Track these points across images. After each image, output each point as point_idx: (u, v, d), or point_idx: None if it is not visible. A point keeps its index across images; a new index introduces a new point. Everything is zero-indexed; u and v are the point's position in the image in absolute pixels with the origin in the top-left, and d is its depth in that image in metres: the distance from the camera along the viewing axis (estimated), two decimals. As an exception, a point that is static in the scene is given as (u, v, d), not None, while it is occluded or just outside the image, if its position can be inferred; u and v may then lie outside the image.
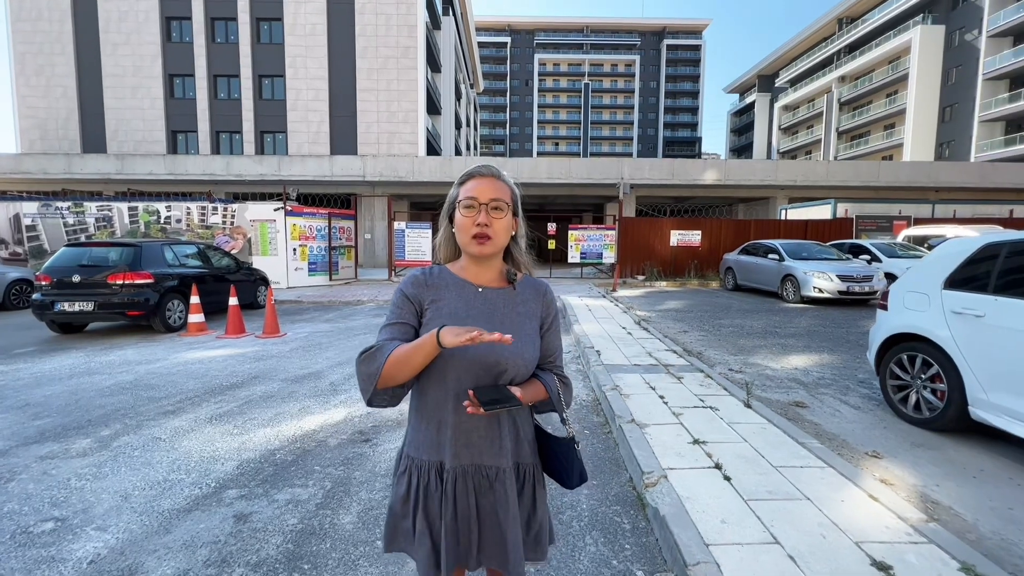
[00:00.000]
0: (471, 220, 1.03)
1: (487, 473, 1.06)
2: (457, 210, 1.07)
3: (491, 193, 1.04)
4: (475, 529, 1.05)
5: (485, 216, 1.03)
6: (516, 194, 1.11)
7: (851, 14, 41.63)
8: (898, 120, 35.73)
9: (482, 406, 0.94)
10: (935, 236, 11.26)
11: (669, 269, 14.30)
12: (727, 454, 2.66)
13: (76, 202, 11.30)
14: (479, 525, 1.05)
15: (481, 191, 1.04)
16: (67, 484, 2.54)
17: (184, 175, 20.01)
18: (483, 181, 1.06)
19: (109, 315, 6.22)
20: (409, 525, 1.07)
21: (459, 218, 1.06)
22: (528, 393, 1.05)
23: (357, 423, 3.43)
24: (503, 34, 70.94)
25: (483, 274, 1.11)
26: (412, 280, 1.10)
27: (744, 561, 1.77)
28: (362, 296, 10.50)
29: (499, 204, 1.04)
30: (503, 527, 1.05)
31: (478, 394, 0.95)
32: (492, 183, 1.06)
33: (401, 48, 24.06)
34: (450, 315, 1.06)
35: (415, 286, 1.09)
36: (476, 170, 1.08)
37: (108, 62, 24.07)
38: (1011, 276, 2.86)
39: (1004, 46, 28.93)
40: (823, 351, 5.58)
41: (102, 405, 3.76)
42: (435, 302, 1.08)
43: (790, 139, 49.49)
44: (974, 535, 2.08)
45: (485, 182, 1.05)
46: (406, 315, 1.06)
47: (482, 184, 1.05)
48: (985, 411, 2.84)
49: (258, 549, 2.01)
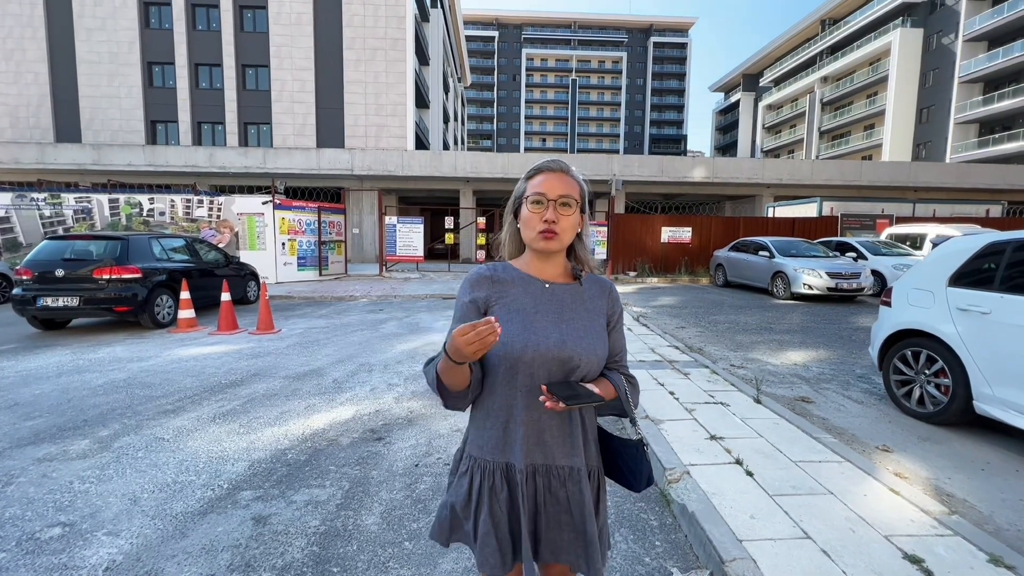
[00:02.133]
0: (539, 216, 1.00)
1: (559, 473, 1.03)
2: (524, 205, 1.03)
3: (560, 189, 1.01)
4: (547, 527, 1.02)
5: (553, 212, 0.99)
6: (585, 191, 1.07)
7: (834, 15, 42.38)
8: (877, 121, 36.58)
9: (562, 401, 0.90)
10: (917, 234, 11.57)
11: (660, 265, 14.42)
12: (746, 449, 2.68)
13: (53, 193, 10.86)
14: (551, 523, 1.03)
15: (550, 187, 1.01)
16: (70, 487, 2.43)
17: (165, 167, 19.44)
18: (552, 176, 1.02)
19: (95, 311, 5.99)
20: (471, 527, 1.04)
21: (526, 213, 1.03)
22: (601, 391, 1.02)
23: (367, 421, 3.36)
24: (491, 28, 70.39)
25: (548, 270, 1.08)
26: (476, 280, 1.07)
27: (779, 556, 1.78)
28: (355, 292, 10.34)
29: (568, 200, 1.01)
30: (582, 524, 1.02)
31: (554, 390, 0.92)
32: (561, 179, 1.02)
33: (389, 40, 23.67)
34: (518, 310, 1.03)
35: (478, 286, 1.06)
36: (545, 165, 1.05)
37: (82, 48, 23.15)
38: (1016, 273, 2.94)
39: (979, 50, 29.80)
40: (819, 347, 5.69)
41: (96, 404, 3.62)
42: (502, 298, 1.05)
43: (774, 138, 50.30)
44: (991, 527, 2.13)
45: (554, 177, 1.02)
46: (469, 320, 1.03)
47: (551, 179, 1.02)
48: (990, 405, 2.92)
49: (282, 552, 1.95)
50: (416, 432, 3.18)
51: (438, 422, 3.33)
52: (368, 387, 4.11)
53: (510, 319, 1.01)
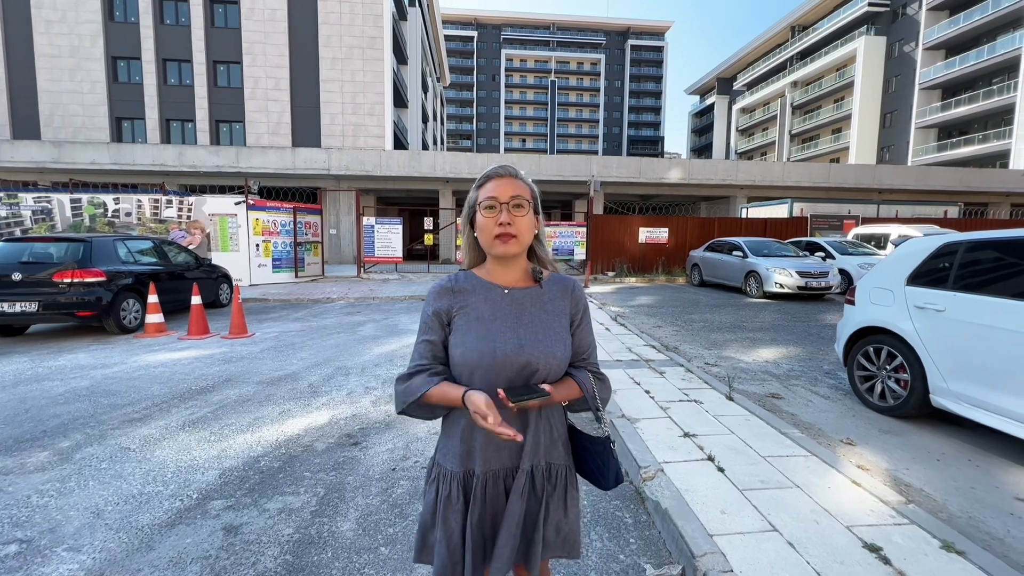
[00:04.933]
0: (493, 220, 1.03)
1: (514, 475, 1.06)
2: (478, 212, 1.06)
3: (511, 191, 1.04)
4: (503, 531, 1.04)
5: (507, 215, 1.02)
6: (535, 192, 1.11)
7: (803, 22, 43.77)
8: (844, 125, 37.94)
9: (510, 400, 0.94)
10: (882, 234, 12.04)
11: (638, 265, 14.64)
12: (717, 446, 2.75)
13: (10, 193, 10.34)
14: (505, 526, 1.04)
15: (501, 191, 1.03)
16: (27, 502, 2.33)
17: (131, 165, 18.75)
18: (502, 181, 1.05)
19: (56, 316, 5.74)
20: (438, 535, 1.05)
21: (481, 220, 1.05)
22: (561, 391, 1.05)
23: (343, 426, 3.32)
24: (470, 28, 70.23)
25: (509, 275, 1.10)
26: (438, 292, 1.10)
27: (748, 549, 1.84)
28: (331, 294, 10.18)
29: (520, 202, 1.04)
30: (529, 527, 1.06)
31: (509, 394, 0.96)
32: (511, 182, 1.05)
33: (367, 38, 23.37)
34: (477, 318, 1.05)
35: (440, 297, 1.09)
36: (494, 171, 1.07)
37: (41, 40, 22.14)
38: (969, 273, 3.09)
39: (938, 58, 31.21)
40: (789, 344, 5.87)
41: (57, 414, 3.47)
42: (463, 307, 1.07)
43: (747, 140, 51.61)
44: (945, 514, 2.24)
45: (504, 182, 1.05)
46: (432, 332, 1.07)
47: (501, 184, 1.04)
48: (945, 398, 3.06)
49: (254, 562, 1.91)
50: (393, 436, 3.15)
51: (416, 425, 3.31)
52: (345, 391, 4.06)
53: (469, 328, 1.04)
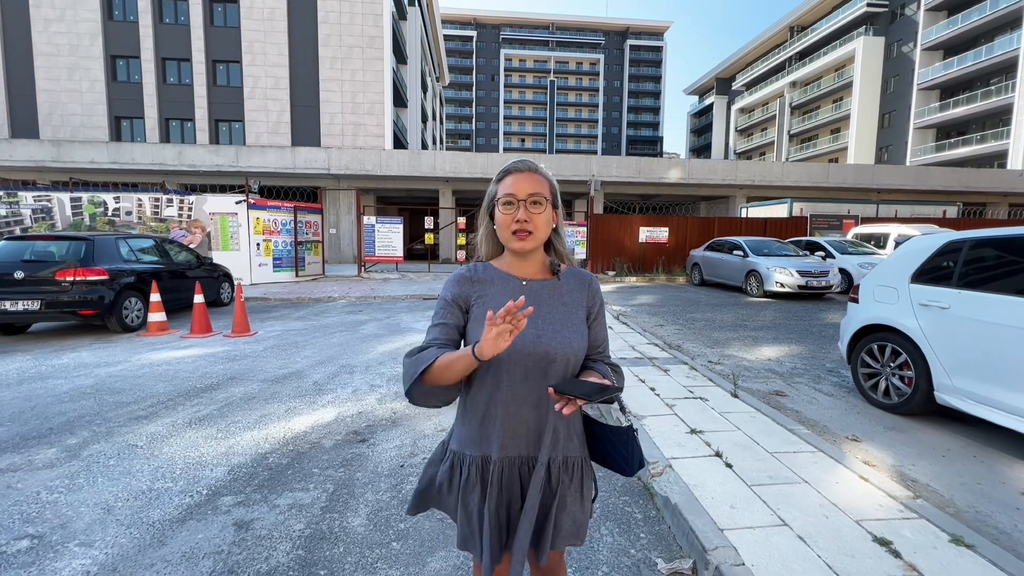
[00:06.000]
0: (511, 217, 1.03)
1: (532, 464, 1.07)
2: (496, 207, 1.07)
3: (529, 188, 1.04)
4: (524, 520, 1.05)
5: (524, 212, 1.03)
6: (555, 187, 1.11)
7: (802, 23, 43.84)
8: (843, 125, 38.02)
9: (579, 398, 0.90)
10: (881, 234, 12.08)
11: (638, 265, 14.66)
12: (725, 442, 2.76)
13: (10, 191, 10.30)
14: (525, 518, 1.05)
15: (519, 187, 1.04)
16: (37, 498, 2.33)
17: (131, 164, 18.72)
18: (521, 176, 1.05)
19: (58, 314, 5.73)
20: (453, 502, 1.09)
21: (499, 215, 1.06)
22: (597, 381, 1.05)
23: (350, 423, 3.32)
24: (469, 27, 70.19)
25: (527, 267, 1.11)
26: (457, 280, 1.11)
27: (759, 543, 1.85)
28: (333, 293, 10.17)
29: (538, 198, 1.04)
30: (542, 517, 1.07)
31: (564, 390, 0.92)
32: (530, 177, 1.05)
33: (367, 37, 23.35)
34: (496, 309, 1.05)
35: (459, 285, 1.10)
36: (513, 166, 1.08)
37: (40, 39, 22.08)
38: (973, 270, 3.11)
39: (936, 59, 31.29)
40: (791, 342, 5.89)
41: (63, 412, 3.47)
42: (481, 297, 1.08)
43: (746, 140, 51.69)
44: (953, 509, 2.26)
45: (523, 177, 1.05)
46: (449, 316, 1.08)
47: (520, 180, 1.05)
48: (950, 395, 3.08)
49: (267, 557, 1.91)
50: (400, 433, 3.16)
51: (423, 422, 3.32)
52: (350, 389, 4.06)
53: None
